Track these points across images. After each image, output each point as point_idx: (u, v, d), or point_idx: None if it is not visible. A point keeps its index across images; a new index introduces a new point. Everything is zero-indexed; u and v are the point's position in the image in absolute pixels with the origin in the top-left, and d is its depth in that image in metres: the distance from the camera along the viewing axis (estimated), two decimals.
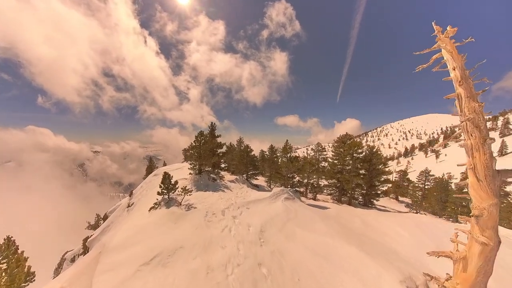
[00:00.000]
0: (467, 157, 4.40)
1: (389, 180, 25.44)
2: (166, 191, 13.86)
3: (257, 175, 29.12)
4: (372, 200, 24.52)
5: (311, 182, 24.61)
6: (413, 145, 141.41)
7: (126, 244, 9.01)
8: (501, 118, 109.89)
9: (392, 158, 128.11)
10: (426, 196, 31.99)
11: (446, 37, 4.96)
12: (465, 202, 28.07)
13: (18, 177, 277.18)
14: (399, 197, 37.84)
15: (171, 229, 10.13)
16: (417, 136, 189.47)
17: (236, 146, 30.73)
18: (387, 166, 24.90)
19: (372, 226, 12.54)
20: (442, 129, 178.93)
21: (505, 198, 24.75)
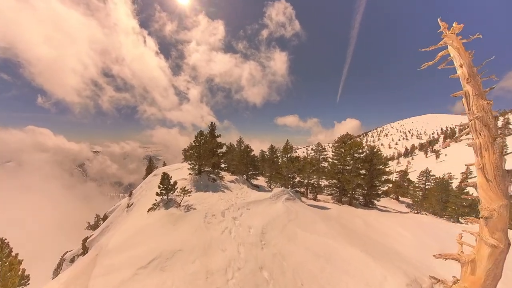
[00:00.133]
0: (476, 156, 4.27)
1: (390, 180, 25.31)
2: (165, 192, 13.63)
3: (257, 175, 28.96)
4: (372, 200, 24.38)
5: (312, 182, 24.46)
6: (413, 145, 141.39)
7: (123, 246, 8.82)
8: (501, 118, 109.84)
9: (392, 158, 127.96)
10: (426, 196, 31.83)
11: (453, 33, 4.83)
12: (465, 202, 27.94)
13: (18, 177, 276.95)
14: (400, 197, 37.69)
15: (170, 231, 9.90)
16: (417, 136, 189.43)
17: (236, 146, 30.58)
18: (388, 166, 24.76)
19: (373, 226, 12.38)
20: (442, 129, 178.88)
21: None
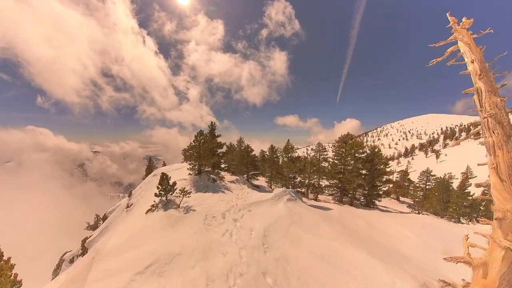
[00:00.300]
0: (489, 155, 4.10)
1: (391, 180, 25.16)
2: (164, 193, 13.25)
3: (257, 176, 28.79)
4: (373, 200, 24.24)
5: (312, 182, 24.31)
6: (413, 145, 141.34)
7: (120, 249, 8.52)
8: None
9: (392, 158, 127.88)
10: (427, 196, 31.68)
11: (463, 28, 4.66)
12: (466, 202, 27.80)
13: (18, 177, 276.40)
14: (400, 197, 37.55)
15: (169, 233, 9.56)
16: (417, 136, 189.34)
17: (236, 146, 30.40)
18: (389, 166, 24.61)
19: (376, 227, 12.20)
20: (442, 129, 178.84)
21: None
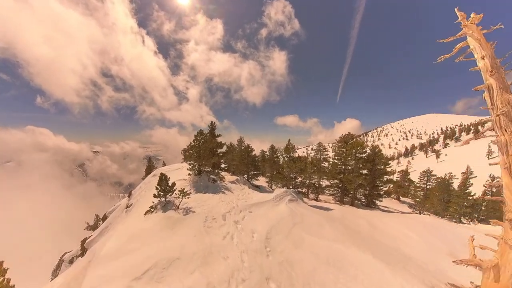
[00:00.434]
0: (501, 155, 3.96)
1: (391, 180, 25.04)
2: (162, 194, 12.90)
3: (258, 176, 28.65)
4: (374, 200, 24.12)
5: (313, 182, 24.18)
6: (413, 145, 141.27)
7: (117, 253, 8.21)
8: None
9: (392, 158, 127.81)
10: (428, 196, 31.56)
11: (473, 23, 4.51)
12: (467, 202, 27.67)
13: (18, 177, 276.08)
14: (401, 197, 37.43)
15: (168, 236, 9.29)
16: (417, 136, 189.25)
17: (236, 146, 30.27)
18: (389, 166, 24.50)
19: (379, 228, 12.05)
20: (442, 129, 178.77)
21: None
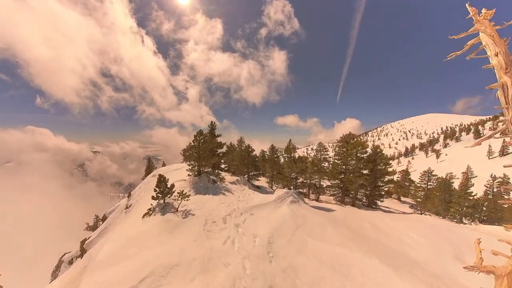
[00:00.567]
0: None
1: (393, 180, 25.02)
2: (161, 196, 12.57)
3: (258, 176, 28.60)
4: (375, 201, 24.08)
5: (314, 183, 24.16)
6: (413, 144, 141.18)
7: (113, 259, 7.97)
8: (502, 118, 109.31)
9: (392, 158, 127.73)
10: (429, 196, 31.50)
11: (485, 19, 4.46)
12: (468, 203, 27.62)
13: (18, 177, 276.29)
14: (401, 197, 37.39)
15: (166, 240, 8.99)
16: (417, 136, 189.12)
17: (237, 146, 30.22)
18: (390, 166, 24.49)
19: (383, 230, 11.91)
20: (442, 128, 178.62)
21: None
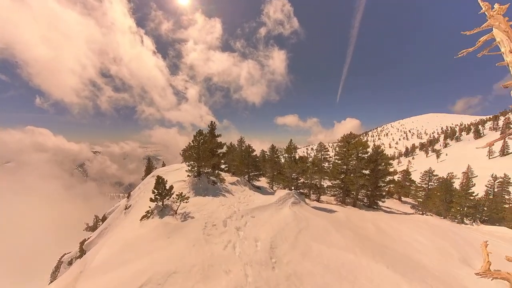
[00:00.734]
0: None
1: (394, 180, 24.87)
2: (159, 198, 12.25)
3: (259, 176, 28.43)
4: (377, 201, 23.94)
5: (314, 183, 24.00)
6: (413, 144, 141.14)
7: (109, 265, 7.69)
8: (502, 117, 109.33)
9: (393, 158, 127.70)
10: (430, 196, 31.37)
11: (499, 14, 4.29)
12: (469, 203, 27.47)
13: (18, 177, 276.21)
14: (402, 197, 37.25)
15: (164, 245, 8.72)
16: (417, 135, 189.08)
17: (237, 146, 30.04)
18: (392, 166, 24.35)
19: (387, 233, 11.71)
20: (442, 128, 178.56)
21: None
